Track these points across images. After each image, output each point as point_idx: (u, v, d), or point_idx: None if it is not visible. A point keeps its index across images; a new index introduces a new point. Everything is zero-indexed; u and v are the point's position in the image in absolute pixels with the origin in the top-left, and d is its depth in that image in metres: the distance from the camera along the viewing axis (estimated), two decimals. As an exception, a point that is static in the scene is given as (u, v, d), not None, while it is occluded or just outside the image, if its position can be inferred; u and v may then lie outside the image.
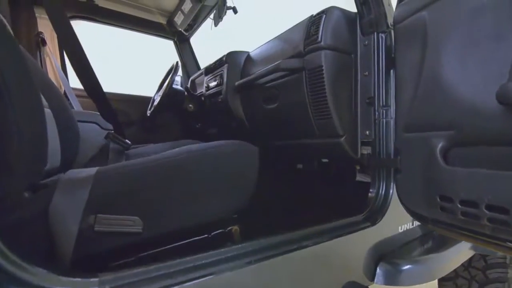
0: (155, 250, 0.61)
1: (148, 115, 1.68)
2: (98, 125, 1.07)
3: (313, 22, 0.95)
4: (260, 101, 1.22)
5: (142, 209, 0.56)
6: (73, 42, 0.82)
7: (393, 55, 0.86)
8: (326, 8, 0.94)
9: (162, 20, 1.98)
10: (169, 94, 1.53)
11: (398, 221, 0.90)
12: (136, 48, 2.55)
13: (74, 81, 0.86)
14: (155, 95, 1.78)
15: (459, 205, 0.56)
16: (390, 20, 0.88)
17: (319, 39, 0.91)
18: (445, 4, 0.60)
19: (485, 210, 0.51)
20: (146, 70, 2.72)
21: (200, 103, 1.70)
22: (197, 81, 1.89)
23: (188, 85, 1.96)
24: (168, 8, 1.89)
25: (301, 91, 0.99)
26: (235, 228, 0.72)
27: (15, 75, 0.43)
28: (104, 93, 0.90)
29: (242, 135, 1.51)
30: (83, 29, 1.76)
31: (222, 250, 0.55)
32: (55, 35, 1.40)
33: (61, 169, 0.83)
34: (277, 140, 1.27)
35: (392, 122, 0.87)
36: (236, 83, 1.30)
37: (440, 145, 0.61)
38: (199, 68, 2.20)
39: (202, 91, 1.70)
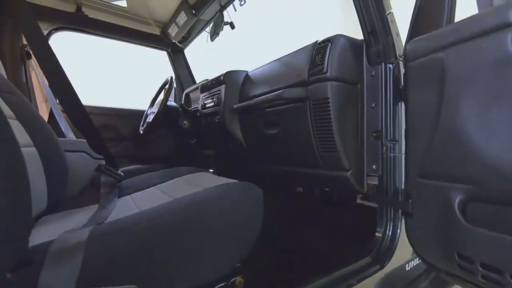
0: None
1: (141, 132, 1.61)
2: (87, 153, 0.99)
3: (318, 50, 0.91)
4: (260, 125, 1.17)
5: (140, 275, 0.50)
6: (51, 61, 0.74)
7: (401, 87, 0.83)
8: (332, 36, 0.90)
9: (156, 31, 1.90)
10: (164, 111, 1.46)
11: (406, 259, 0.87)
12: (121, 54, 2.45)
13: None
14: (147, 110, 1.71)
15: (480, 268, 0.53)
16: (398, 51, 0.85)
17: (325, 69, 0.86)
18: (466, 49, 0.56)
19: (511, 281, 0.48)
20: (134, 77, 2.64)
21: (195, 119, 1.63)
22: (191, 95, 1.82)
23: (182, 98, 1.90)
24: (161, 20, 1.81)
25: (304, 121, 0.95)
26: (239, 279, 0.67)
27: None
28: (91, 122, 0.82)
29: (240, 156, 1.46)
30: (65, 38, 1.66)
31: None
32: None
33: (47, 211, 0.76)
34: (277, 165, 1.22)
35: (400, 158, 0.84)
36: (235, 106, 1.25)
37: (458, 199, 0.57)
38: (193, 80, 2.13)
39: (197, 107, 1.63)
